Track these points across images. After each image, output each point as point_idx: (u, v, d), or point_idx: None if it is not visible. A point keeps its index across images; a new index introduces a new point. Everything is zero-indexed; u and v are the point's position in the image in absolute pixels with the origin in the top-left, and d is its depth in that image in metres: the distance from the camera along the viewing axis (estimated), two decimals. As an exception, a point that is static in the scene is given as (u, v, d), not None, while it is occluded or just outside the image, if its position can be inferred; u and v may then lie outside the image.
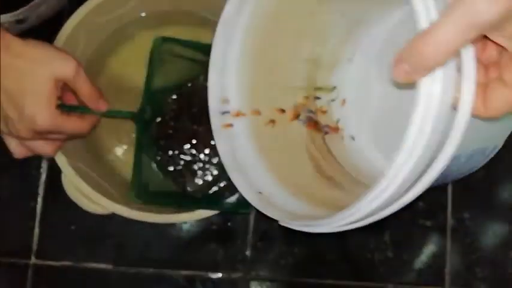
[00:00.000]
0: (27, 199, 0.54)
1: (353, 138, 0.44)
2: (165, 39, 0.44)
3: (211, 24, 0.49)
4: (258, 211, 0.37)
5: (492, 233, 0.51)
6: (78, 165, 0.43)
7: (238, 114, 0.40)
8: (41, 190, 0.54)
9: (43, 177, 0.54)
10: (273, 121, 0.42)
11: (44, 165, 0.54)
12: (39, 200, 0.54)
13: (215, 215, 0.52)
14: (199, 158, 0.44)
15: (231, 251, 0.52)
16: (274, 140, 0.41)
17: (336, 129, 0.44)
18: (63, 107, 0.41)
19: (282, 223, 0.35)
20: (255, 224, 0.52)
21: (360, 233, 0.51)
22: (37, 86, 0.37)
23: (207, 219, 0.52)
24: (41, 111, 0.37)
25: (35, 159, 0.54)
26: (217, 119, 0.39)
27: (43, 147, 0.41)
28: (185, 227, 0.53)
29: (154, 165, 0.45)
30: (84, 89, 0.40)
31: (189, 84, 0.45)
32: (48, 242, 0.53)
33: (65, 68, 0.38)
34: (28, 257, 0.53)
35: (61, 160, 0.43)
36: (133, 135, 0.47)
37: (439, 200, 0.52)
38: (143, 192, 0.43)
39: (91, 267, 0.53)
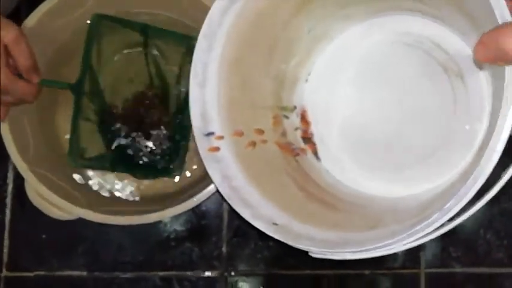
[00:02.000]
0: (-5, 211, 0.53)
1: (319, 159, 0.44)
2: (102, 16, 0.46)
3: (177, 24, 0.50)
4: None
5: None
6: (40, 172, 0.43)
7: (221, 137, 0.39)
8: (8, 201, 0.53)
9: (9, 188, 0.53)
10: (253, 143, 0.41)
11: (10, 176, 0.53)
12: (7, 211, 0.53)
13: (188, 214, 0.52)
14: (142, 134, 0.49)
15: (206, 248, 0.52)
16: (258, 164, 0.41)
17: (304, 151, 0.44)
18: None
19: (314, 255, 0.34)
20: (229, 220, 0.52)
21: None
22: None
23: (180, 219, 0.52)
24: None
25: (1, 170, 0.53)
26: (202, 143, 0.38)
27: None
28: (159, 227, 0.52)
29: (91, 130, 0.48)
30: (23, 58, 0.42)
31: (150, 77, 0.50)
32: (20, 254, 0.52)
33: (5, 33, 0.41)
34: (-1, 270, 0.52)
35: (22, 167, 0.42)
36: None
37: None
38: (79, 158, 0.46)
39: (65, 275, 0.52)
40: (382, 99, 0.43)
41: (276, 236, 0.35)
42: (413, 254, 0.51)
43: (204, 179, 0.46)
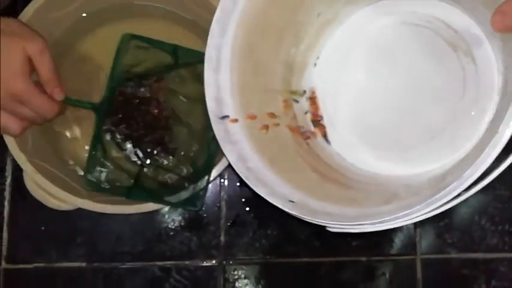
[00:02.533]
0: (-7, 204, 0.53)
1: (328, 142, 0.44)
2: (133, 36, 0.45)
3: (173, 16, 0.50)
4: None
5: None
6: (38, 163, 0.43)
7: (235, 120, 0.40)
8: (7, 194, 0.53)
9: (8, 181, 0.53)
10: (266, 126, 0.42)
11: (9, 168, 0.53)
12: (6, 204, 0.53)
13: (186, 203, 0.52)
14: (156, 156, 0.47)
15: (205, 238, 0.52)
16: (272, 147, 0.41)
17: (314, 134, 0.44)
18: None
19: (332, 229, 0.35)
20: (227, 210, 0.52)
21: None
22: (11, 56, 0.40)
23: (178, 208, 0.52)
24: (16, 74, 0.40)
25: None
26: (218, 126, 0.39)
27: (10, 121, 0.42)
28: (157, 218, 0.52)
29: (106, 157, 0.46)
30: (45, 70, 0.42)
31: (154, 83, 0.48)
32: (19, 246, 0.53)
33: (31, 44, 0.41)
34: (-2, 262, 0.52)
35: (21, 157, 0.42)
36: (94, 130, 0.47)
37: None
38: (95, 182, 0.45)
39: (64, 267, 0.52)
40: (391, 80, 0.43)
41: (294, 212, 0.36)
42: (408, 240, 0.52)
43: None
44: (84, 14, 0.49)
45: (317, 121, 0.45)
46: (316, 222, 0.35)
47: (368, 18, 0.44)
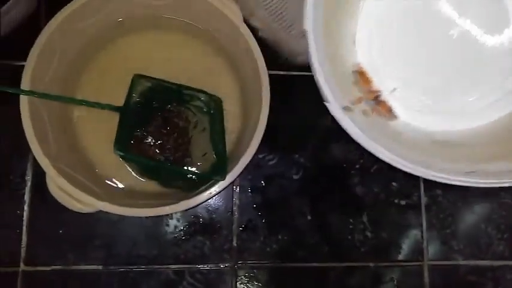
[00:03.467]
0: (13, 207, 0.54)
1: (396, 117, 0.44)
2: (142, 76, 0.50)
3: (191, 29, 0.52)
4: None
5: (464, 207, 0.54)
6: (61, 167, 0.44)
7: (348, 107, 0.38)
8: (26, 197, 0.55)
9: (28, 184, 0.55)
10: (365, 112, 0.41)
11: (29, 173, 0.55)
12: (26, 207, 0.54)
13: (200, 208, 0.54)
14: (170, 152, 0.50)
15: (217, 242, 0.53)
16: (381, 134, 0.40)
17: (381, 111, 0.44)
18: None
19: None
20: (239, 214, 0.54)
21: (339, 215, 0.53)
22: None
23: (192, 214, 0.54)
24: None
25: (20, 167, 0.55)
26: (338, 112, 0.36)
27: None
28: (172, 222, 0.54)
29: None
30: None
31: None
32: (37, 248, 0.54)
33: None
34: (17, 264, 0.54)
35: (44, 162, 0.44)
36: (114, 137, 0.49)
37: (412, 180, 0.54)
38: (124, 148, 0.48)
39: (81, 269, 0.53)
40: (439, 40, 0.43)
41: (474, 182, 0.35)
42: (415, 247, 0.53)
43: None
44: (106, 25, 0.51)
45: (376, 98, 0.44)
46: None
47: None
